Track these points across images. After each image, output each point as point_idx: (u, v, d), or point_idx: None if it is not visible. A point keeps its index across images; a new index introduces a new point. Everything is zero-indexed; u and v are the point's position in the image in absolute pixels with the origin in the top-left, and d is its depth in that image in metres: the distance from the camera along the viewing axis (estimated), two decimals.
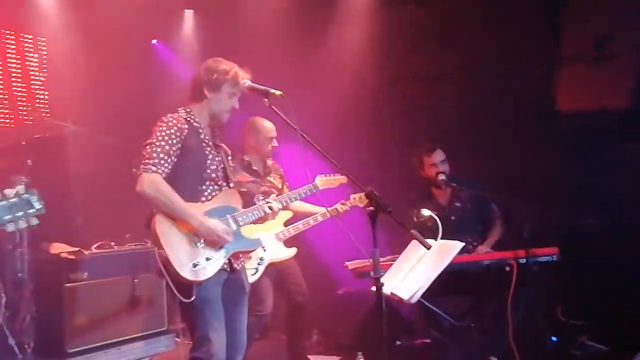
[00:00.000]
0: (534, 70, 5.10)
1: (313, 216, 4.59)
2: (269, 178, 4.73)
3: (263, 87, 3.11)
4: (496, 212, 4.77)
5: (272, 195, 3.97)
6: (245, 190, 4.39)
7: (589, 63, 4.70)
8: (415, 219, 4.66)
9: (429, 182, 4.77)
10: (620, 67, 4.58)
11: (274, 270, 4.57)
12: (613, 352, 4.46)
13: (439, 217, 4.44)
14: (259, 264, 4.40)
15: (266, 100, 3.07)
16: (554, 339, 4.60)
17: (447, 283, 3.79)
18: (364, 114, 5.86)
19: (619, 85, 4.58)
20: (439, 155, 4.77)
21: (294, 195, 4.04)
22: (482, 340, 4.40)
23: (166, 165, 3.07)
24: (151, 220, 3.07)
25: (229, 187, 3.33)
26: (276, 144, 4.68)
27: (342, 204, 4.55)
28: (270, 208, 3.47)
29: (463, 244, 3.73)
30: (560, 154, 5.05)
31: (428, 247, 2.69)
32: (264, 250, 4.36)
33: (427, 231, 3.86)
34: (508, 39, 5.33)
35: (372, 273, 4.10)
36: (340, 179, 4.45)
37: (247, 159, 4.68)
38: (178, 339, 5.12)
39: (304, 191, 3.50)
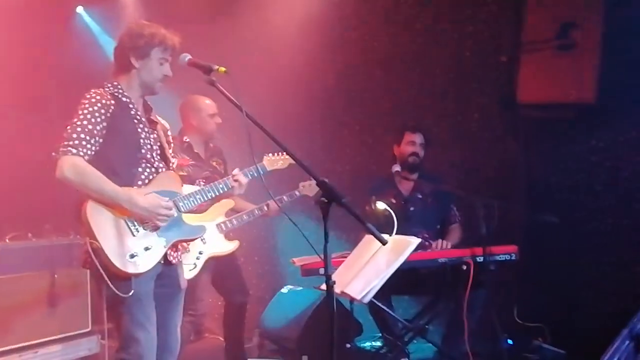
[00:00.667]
0: (496, 56, 5.10)
1: (258, 206, 4.46)
2: (211, 162, 4.57)
3: (205, 63, 2.94)
4: (455, 215, 4.78)
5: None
6: (184, 174, 4.27)
7: (553, 51, 4.71)
8: (369, 209, 4.61)
9: (398, 162, 4.72)
10: (585, 57, 4.60)
11: (213, 265, 4.41)
12: (571, 356, 4.50)
13: (398, 206, 4.44)
14: (197, 258, 4.21)
15: (208, 77, 2.90)
16: (509, 342, 4.62)
17: (399, 282, 3.76)
18: (316, 100, 5.74)
19: (583, 76, 4.60)
20: (420, 138, 4.78)
21: (250, 172, 3.73)
22: (436, 343, 4.40)
23: (89, 146, 2.90)
24: (81, 208, 2.89)
25: (168, 168, 3.16)
26: (219, 121, 4.53)
27: (290, 194, 4.44)
28: (237, 181, 3.28)
29: (419, 240, 3.69)
30: (521, 147, 5.07)
31: (384, 242, 2.60)
32: (204, 242, 4.20)
33: (382, 225, 3.79)
34: (470, 24, 5.32)
35: (321, 270, 4.24)
36: (289, 158, 4.21)
37: (187, 140, 4.52)
38: (104, 341, 4.90)
39: (251, 172, 3.33)
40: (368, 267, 3.48)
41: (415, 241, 3.53)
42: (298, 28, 5.62)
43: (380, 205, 4.18)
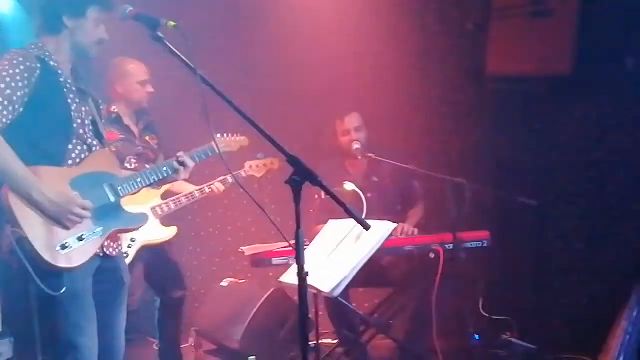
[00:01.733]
0: (461, 25, 5.03)
1: (199, 188, 4.33)
2: (144, 137, 4.39)
3: (152, 16, 2.73)
4: (418, 190, 4.68)
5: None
6: (113, 149, 4.06)
7: (526, 18, 4.70)
8: (318, 197, 4.50)
9: (342, 153, 4.60)
10: (561, 24, 4.60)
11: (146, 255, 4.24)
12: (541, 351, 4.55)
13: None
14: (129, 246, 4.09)
15: (154, 33, 2.69)
16: (476, 337, 4.63)
17: (360, 272, 3.61)
18: (264, 67, 5.55)
19: (558, 45, 4.60)
20: (354, 120, 4.60)
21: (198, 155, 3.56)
22: (400, 339, 4.36)
23: (5, 114, 2.67)
24: (2, 191, 2.66)
25: (103, 146, 2.97)
26: (151, 90, 4.36)
27: (236, 173, 4.31)
28: (181, 163, 3.08)
29: (395, 224, 3.60)
30: (490, 123, 5.04)
31: (367, 228, 2.49)
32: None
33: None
34: None
35: (275, 260, 4.14)
36: (241, 140, 4.21)
37: (115, 110, 4.32)
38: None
39: (199, 154, 3.15)
40: (336, 256, 3.37)
41: (390, 226, 3.44)
42: None
43: (348, 186, 4.08)
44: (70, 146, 2.82)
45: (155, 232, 4.17)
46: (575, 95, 4.76)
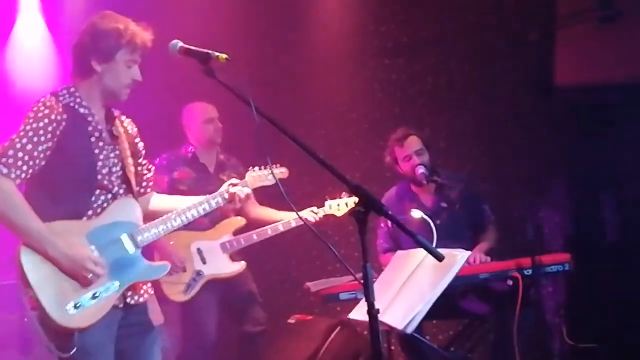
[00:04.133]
0: (526, 35, 4.88)
1: (273, 225, 4.29)
2: (220, 176, 4.42)
3: (202, 50, 2.69)
4: (489, 214, 4.50)
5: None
6: (184, 188, 4.26)
7: (594, 24, 4.53)
8: (384, 225, 4.39)
9: (408, 180, 4.47)
10: (633, 28, 4.41)
11: (223, 288, 4.35)
12: None
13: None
14: (194, 279, 4.22)
15: (206, 66, 2.65)
16: None
17: (433, 303, 3.51)
18: (316, 96, 5.50)
19: (632, 51, 4.42)
20: (414, 144, 4.45)
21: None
22: None
23: (25, 168, 2.67)
24: (16, 248, 2.67)
25: (130, 192, 2.91)
26: (219, 126, 4.54)
27: (313, 211, 4.27)
28: (228, 195, 2.99)
29: (469, 252, 3.45)
30: (561, 138, 4.88)
31: (441, 258, 2.35)
32: (204, 263, 4.22)
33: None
34: None
35: (342, 295, 4.05)
36: (279, 172, 3.94)
37: (191, 150, 4.56)
38: None
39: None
40: (407, 290, 3.24)
41: (463, 255, 3.29)
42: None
43: (416, 214, 3.95)
44: (92, 197, 2.80)
45: (221, 266, 4.29)
46: None
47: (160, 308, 3.21)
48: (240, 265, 4.33)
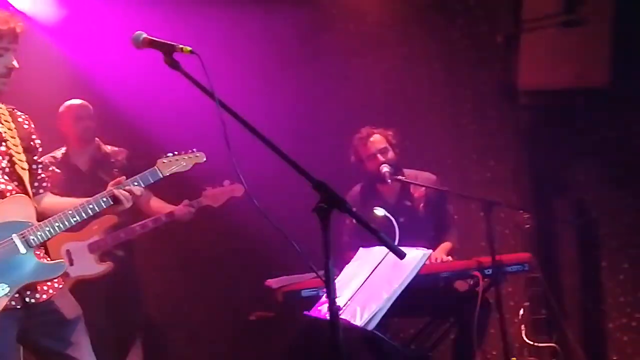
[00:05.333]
0: (491, 37, 4.90)
1: (141, 222, 4.33)
2: (99, 174, 4.44)
3: (166, 42, 2.65)
4: (451, 215, 4.54)
5: None
6: (56, 191, 3.99)
7: (558, 28, 4.56)
8: (349, 222, 4.38)
9: (373, 178, 4.47)
10: (595, 33, 4.45)
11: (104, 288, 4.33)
12: None
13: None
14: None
15: (170, 59, 2.61)
16: None
17: (394, 302, 3.50)
18: (282, 87, 5.47)
19: (594, 56, 4.46)
20: (377, 143, 4.45)
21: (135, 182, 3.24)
22: None
23: None
24: None
25: (23, 190, 2.81)
26: (90, 125, 4.54)
27: (186, 204, 4.36)
28: (113, 197, 2.81)
29: (430, 251, 3.46)
30: (524, 141, 4.91)
31: (402, 256, 2.36)
32: (71, 264, 4.18)
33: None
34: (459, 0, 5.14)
35: (304, 292, 4.03)
36: (195, 157, 3.42)
37: (63, 151, 4.53)
38: None
39: (136, 181, 2.92)
40: (369, 287, 3.24)
41: (425, 253, 3.30)
42: None
43: (379, 212, 3.96)
44: None
45: (88, 267, 4.26)
46: (614, 107, 4.58)
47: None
48: (106, 266, 4.30)
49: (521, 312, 4.73)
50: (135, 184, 2.89)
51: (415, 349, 4.32)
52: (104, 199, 2.83)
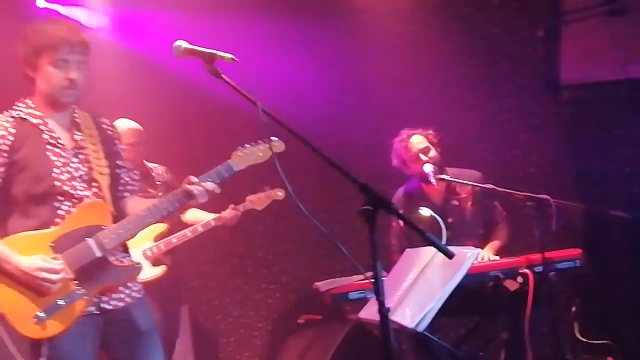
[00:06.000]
0: (532, 31, 4.84)
1: (192, 227, 4.34)
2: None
3: (207, 50, 2.66)
4: (500, 211, 4.47)
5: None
6: None
7: (600, 19, 4.48)
8: (396, 225, 4.35)
9: (417, 179, 4.43)
10: (637, 23, 4.37)
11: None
12: None
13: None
14: None
15: (211, 67, 2.61)
16: None
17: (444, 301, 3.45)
18: (321, 96, 5.46)
19: (636, 46, 4.37)
20: (418, 143, 4.41)
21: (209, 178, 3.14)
22: None
23: None
24: None
25: (97, 197, 2.85)
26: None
27: (233, 208, 4.37)
28: (186, 194, 2.81)
29: (479, 250, 3.42)
30: (568, 135, 4.83)
31: (451, 256, 2.32)
32: None
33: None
34: None
35: (352, 295, 4.02)
36: (274, 146, 3.10)
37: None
38: None
39: (210, 177, 2.88)
40: (418, 288, 3.21)
41: (473, 252, 3.26)
42: None
43: (425, 212, 3.92)
44: (56, 203, 2.77)
45: (146, 272, 4.18)
46: None
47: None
48: (159, 270, 4.32)
49: (573, 309, 4.62)
50: (209, 179, 2.88)
51: (466, 349, 4.26)
52: (178, 198, 2.84)
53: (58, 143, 2.83)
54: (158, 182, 4.55)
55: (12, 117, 2.81)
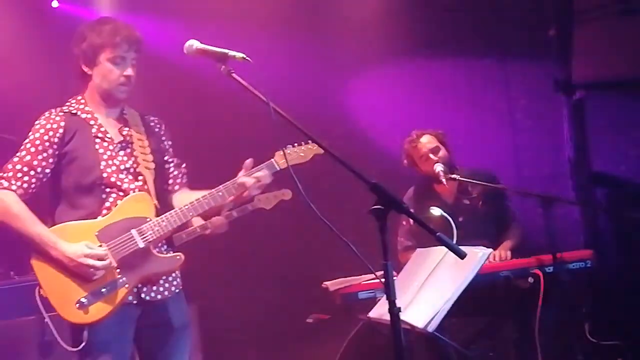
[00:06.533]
0: (544, 30, 4.81)
1: (201, 224, 4.19)
2: None
3: (219, 49, 2.67)
4: (512, 211, 4.45)
5: None
6: None
7: (613, 18, 4.45)
8: (406, 223, 4.34)
9: (428, 179, 4.42)
10: None
11: None
12: None
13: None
14: None
15: (224, 66, 2.63)
16: None
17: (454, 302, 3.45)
18: (327, 99, 5.46)
19: None
20: (428, 142, 4.41)
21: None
22: None
23: (26, 179, 2.84)
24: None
25: (143, 190, 2.94)
26: None
27: (241, 208, 4.27)
28: (241, 186, 2.88)
29: (490, 250, 3.40)
30: (581, 135, 4.80)
31: (462, 256, 2.31)
32: None
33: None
34: None
35: (361, 295, 4.02)
36: (314, 148, 3.31)
37: None
38: None
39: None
40: (428, 288, 3.19)
41: (484, 252, 3.24)
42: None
43: (436, 212, 3.91)
44: (103, 195, 2.88)
45: None
46: None
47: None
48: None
49: (584, 310, 4.59)
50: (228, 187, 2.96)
51: (475, 349, 4.25)
52: (219, 193, 2.91)
53: (106, 137, 2.93)
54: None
55: (63, 112, 2.93)
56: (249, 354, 5.60)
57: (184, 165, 3.20)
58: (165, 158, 3.10)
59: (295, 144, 3.14)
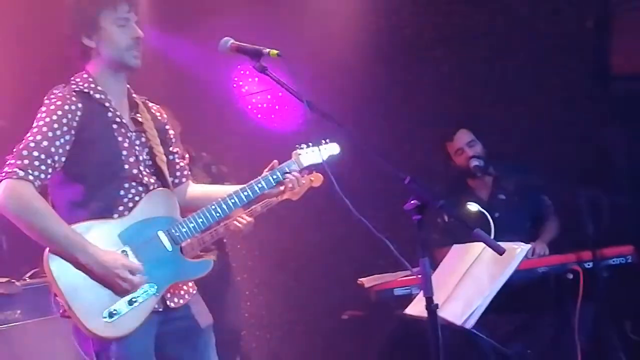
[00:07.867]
0: (581, 22, 4.74)
1: (224, 223, 3.95)
2: None
3: (253, 46, 2.66)
4: (549, 205, 4.40)
5: None
6: None
7: None
8: (440, 221, 4.31)
9: (463, 173, 4.39)
10: None
11: None
12: None
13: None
14: None
15: (258, 63, 2.62)
16: None
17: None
18: (365, 88, 5.44)
19: None
20: (464, 137, 4.39)
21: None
22: None
23: (44, 168, 2.42)
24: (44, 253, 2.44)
25: (165, 184, 2.67)
26: None
27: (266, 202, 3.92)
28: (276, 180, 2.73)
29: (528, 245, 3.37)
30: (619, 126, 4.73)
31: (501, 252, 2.29)
32: None
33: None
34: None
35: (397, 291, 4.00)
36: (332, 148, 3.14)
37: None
38: None
39: (274, 175, 2.79)
40: (466, 284, 3.17)
41: (523, 248, 3.21)
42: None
43: (473, 207, 3.88)
44: (122, 191, 2.56)
45: None
46: None
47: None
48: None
49: (625, 307, 4.52)
50: (274, 176, 2.80)
51: (514, 346, 4.21)
52: (245, 193, 2.72)
53: (122, 122, 2.62)
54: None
55: (75, 91, 2.55)
56: (284, 349, 5.62)
57: (186, 155, 3.08)
58: (170, 149, 2.81)
59: (311, 143, 2.97)
